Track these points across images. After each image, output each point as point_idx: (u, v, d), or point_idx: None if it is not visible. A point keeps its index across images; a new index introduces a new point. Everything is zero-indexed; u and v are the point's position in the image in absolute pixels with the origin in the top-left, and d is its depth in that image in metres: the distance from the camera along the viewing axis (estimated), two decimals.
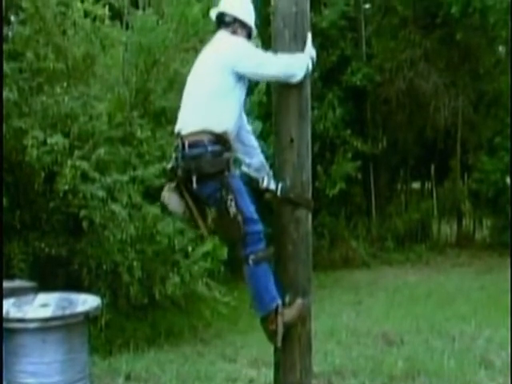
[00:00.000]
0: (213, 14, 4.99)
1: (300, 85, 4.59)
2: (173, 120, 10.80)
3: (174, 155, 4.61)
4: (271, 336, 4.53)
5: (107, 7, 11.79)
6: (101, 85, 10.65)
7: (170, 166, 4.68)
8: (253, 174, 4.89)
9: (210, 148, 4.42)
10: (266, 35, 4.72)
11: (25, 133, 8.65)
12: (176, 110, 4.56)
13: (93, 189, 8.54)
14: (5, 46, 9.33)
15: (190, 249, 9.71)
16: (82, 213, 8.58)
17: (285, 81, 4.61)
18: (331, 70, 17.66)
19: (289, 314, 4.54)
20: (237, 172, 4.66)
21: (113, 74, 11.09)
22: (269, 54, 4.62)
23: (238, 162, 4.85)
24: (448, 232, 20.17)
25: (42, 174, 8.75)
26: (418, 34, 18.18)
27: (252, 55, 4.60)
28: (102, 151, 8.76)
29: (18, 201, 8.94)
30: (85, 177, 8.64)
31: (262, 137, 12.20)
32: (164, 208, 8.41)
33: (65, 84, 9.76)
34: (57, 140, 8.33)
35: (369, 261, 17.06)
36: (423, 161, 21.36)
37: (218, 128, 4.46)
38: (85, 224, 8.65)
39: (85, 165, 8.49)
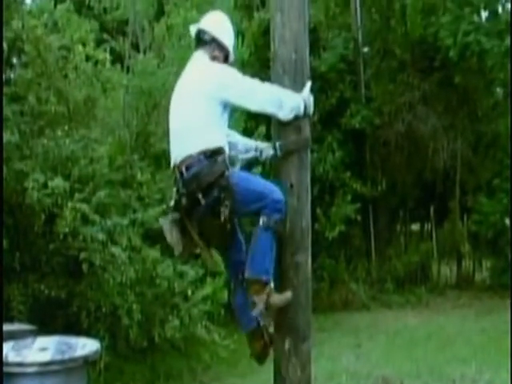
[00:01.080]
0: (193, 30, 4.96)
1: (299, 129, 4.62)
2: None
3: (174, 189, 4.65)
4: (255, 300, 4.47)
5: (108, 51, 11.94)
6: (101, 128, 10.72)
7: (172, 203, 4.72)
8: (246, 156, 4.89)
9: (205, 162, 4.45)
10: (266, 79, 4.73)
11: (25, 175, 8.66)
12: None
13: (93, 231, 8.54)
14: (7, 89, 9.41)
15: (189, 292, 9.69)
16: (82, 255, 8.57)
17: (272, 114, 4.61)
18: (330, 112, 17.75)
19: (275, 297, 4.50)
20: (237, 167, 4.71)
21: (113, 117, 11.18)
22: (258, 83, 4.60)
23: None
24: (448, 273, 20.11)
25: (43, 216, 8.74)
26: (417, 78, 18.30)
27: (239, 84, 4.59)
28: (102, 194, 8.78)
29: (17, 243, 8.93)
30: (85, 219, 8.65)
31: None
32: (164, 250, 8.42)
33: (66, 127, 9.83)
34: (57, 183, 8.34)
35: (368, 303, 16.98)
36: (422, 202, 21.38)
37: (213, 146, 4.50)
38: (85, 266, 8.63)
39: (85, 207, 8.50)
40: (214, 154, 4.47)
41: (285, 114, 4.58)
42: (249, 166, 5.09)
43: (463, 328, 13.69)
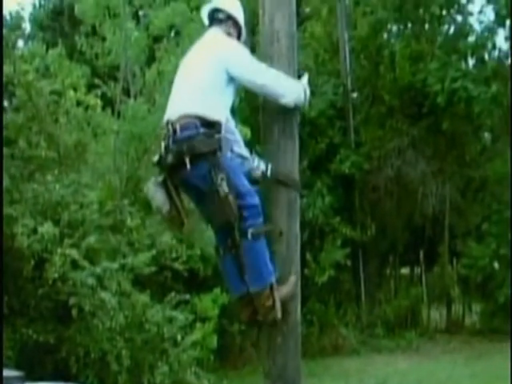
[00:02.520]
0: (205, 10, 4.98)
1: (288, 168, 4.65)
2: None
3: (162, 144, 4.53)
4: (265, 312, 4.45)
5: (99, 96, 12.01)
6: (92, 172, 10.77)
7: (156, 158, 4.61)
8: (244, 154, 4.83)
9: (201, 130, 4.39)
10: (256, 126, 4.77)
11: (15, 220, 8.66)
12: None
13: (82, 277, 8.52)
14: None
15: (179, 337, 9.65)
16: (72, 300, 8.54)
17: (273, 98, 4.62)
18: (320, 158, 17.85)
19: (283, 290, 4.50)
20: (229, 154, 4.62)
21: (104, 162, 11.22)
22: (264, 66, 4.63)
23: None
24: (438, 318, 20.06)
25: (32, 261, 8.73)
26: (406, 123, 18.45)
27: (248, 62, 4.61)
28: (92, 239, 8.78)
29: (6, 287, 8.90)
30: (74, 265, 8.64)
31: None
32: (153, 296, 8.40)
33: (56, 171, 9.86)
34: (47, 229, 8.34)
35: (359, 348, 16.90)
36: (412, 247, 21.38)
37: (211, 117, 4.45)
38: (74, 312, 8.60)
39: (74, 253, 8.50)
40: (210, 125, 4.44)
41: (287, 101, 4.60)
42: None
43: (453, 373, 13.63)
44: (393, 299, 19.14)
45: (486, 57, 18.57)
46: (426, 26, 19.06)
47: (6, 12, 13.13)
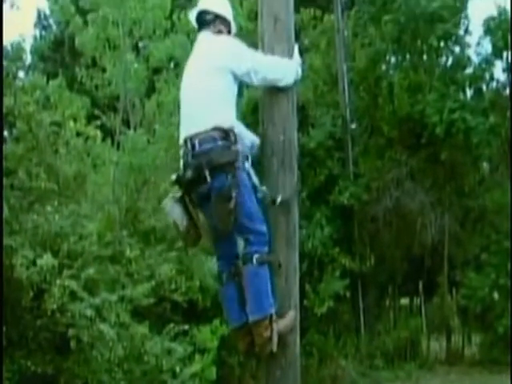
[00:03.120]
0: (192, 14, 5.02)
1: (287, 209, 4.66)
2: (162, 239, 10.96)
3: (181, 162, 4.62)
4: (262, 342, 4.44)
5: (99, 127, 12.06)
6: (91, 203, 10.77)
7: (174, 176, 4.67)
8: (252, 152, 4.84)
9: (220, 142, 4.46)
10: (255, 158, 4.78)
11: (14, 251, 8.64)
12: (165, 229, 4.63)
13: (81, 308, 8.49)
14: None
15: (178, 369, 9.61)
16: (70, 332, 8.50)
17: (274, 84, 4.70)
18: (319, 189, 17.88)
19: (282, 323, 4.49)
20: (246, 165, 4.64)
21: (103, 193, 11.25)
22: (260, 54, 4.72)
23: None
24: (437, 349, 19.94)
25: (31, 292, 8.70)
26: (404, 154, 18.47)
27: (245, 55, 4.68)
28: (91, 271, 8.77)
29: (4, 317, 8.86)
30: (73, 296, 8.62)
31: None
32: (152, 327, 8.38)
33: (55, 202, 9.84)
34: (46, 260, 8.33)
35: (358, 380, 16.79)
36: (411, 277, 21.33)
37: (226, 124, 4.51)
38: (73, 343, 8.56)
39: (73, 284, 8.48)
40: (227, 135, 4.50)
41: (286, 82, 4.72)
42: None
43: None
44: (392, 330, 19.05)
45: (484, 88, 18.64)
46: (424, 57, 19.14)
47: (7, 43, 13.15)
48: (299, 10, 18.72)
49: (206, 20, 4.92)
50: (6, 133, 11.42)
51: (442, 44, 18.56)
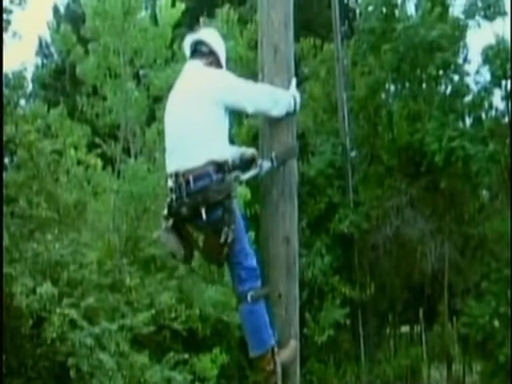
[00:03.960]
0: (188, 40, 4.96)
1: (287, 239, 4.67)
2: (162, 267, 10.97)
3: (171, 197, 4.53)
4: (266, 376, 4.42)
5: (100, 156, 12.11)
6: (91, 232, 10.79)
7: (165, 212, 4.63)
8: (248, 176, 4.79)
9: (214, 177, 4.41)
10: (255, 187, 4.81)
11: (14, 279, 8.65)
12: (165, 257, 4.63)
13: (81, 337, 8.48)
14: None
15: None
16: (70, 361, 8.49)
17: (266, 113, 4.71)
18: (319, 217, 17.90)
19: (284, 354, 4.49)
20: (235, 201, 4.60)
21: (103, 221, 11.27)
22: (253, 84, 4.70)
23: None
24: (438, 377, 19.88)
25: (30, 321, 8.70)
26: (404, 182, 18.50)
27: (237, 87, 4.64)
28: (91, 300, 8.77)
29: (4, 346, 8.85)
30: (73, 324, 8.61)
31: None
32: (151, 356, 8.35)
33: (56, 230, 9.87)
34: (46, 289, 8.34)
35: None
36: (411, 305, 21.29)
37: (220, 157, 4.47)
38: (72, 372, 8.54)
39: (73, 313, 8.48)
40: (221, 167, 4.46)
41: (279, 112, 4.69)
42: None
43: None
44: (392, 358, 18.99)
45: (483, 116, 18.71)
46: (424, 85, 19.23)
47: (8, 71, 13.23)
48: (299, 40, 18.85)
49: (200, 51, 4.87)
50: (6, 160, 11.46)
51: (441, 72, 18.64)
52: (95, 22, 12.77)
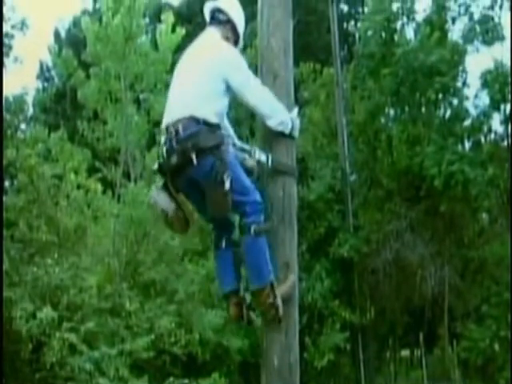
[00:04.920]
0: (207, 7, 4.98)
1: (286, 266, 4.67)
2: (162, 292, 10.96)
3: (163, 149, 4.54)
4: (267, 309, 4.48)
5: (100, 180, 12.14)
6: (91, 256, 10.81)
7: (156, 165, 4.65)
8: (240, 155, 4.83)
9: (203, 127, 4.43)
10: None
11: (14, 303, 8.65)
12: (165, 281, 4.64)
13: (80, 362, 8.47)
14: None
15: None
16: None
17: (262, 117, 4.72)
18: (319, 241, 17.91)
19: (283, 288, 4.53)
20: (231, 148, 4.64)
21: (103, 245, 11.28)
22: (259, 84, 4.71)
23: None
24: None
25: (30, 345, 8.69)
26: (404, 206, 18.50)
27: (246, 73, 4.67)
28: (90, 324, 8.77)
29: (3, 370, 8.82)
30: (73, 349, 8.60)
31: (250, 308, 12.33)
32: (151, 380, 8.32)
33: (56, 255, 9.89)
34: (46, 313, 8.34)
35: None
36: (412, 329, 21.23)
37: (212, 119, 4.49)
38: None
39: (73, 337, 8.48)
40: (211, 124, 4.48)
41: (273, 123, 4.69)
42: None
43: None
44: (393, 382, 18.93)
45: (482, 140, 18.77)
46: (423, 109, 19.31)
47: (9, 94, 13.32)
48: (299, 64, 18.94)
49: (218, 19, 4.90)
50: (6, 184, 11.48)
51: (440, 97, 18.73)
52: (96, 47, 12.86)
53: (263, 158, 4.74)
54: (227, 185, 4.35)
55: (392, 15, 18.88)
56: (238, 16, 4.94)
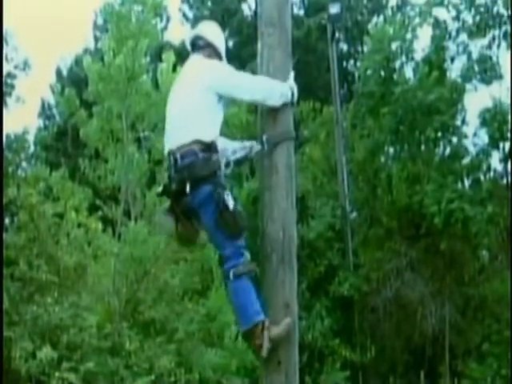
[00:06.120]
0: (188, 39, 5.21)
1: (287, 306, 4.68)
2: (162, 331, 10.94)
3: (166, 175, 4.78)
4: (257, 349, 4.49)
5: (100, 218, 12.17)
6: (91, 295, 10.80)
7: (160, 188, 4.82)
8: (235, 157, 4.90)
9: (200, 155, 4.55)
10: (255, 250, 4.85)
11: (13, 342, 8.63)
12: (165, 320, 4.65)
13: None
14: None
15: None
16: None
17: (262, 103, 4.83)
18: (319, 280, 17.88)
19: (275, 330, 4.49)
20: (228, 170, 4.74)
21: (103, 284, 11.28)
22: (247, 77, 4.86)
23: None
24: None
25: None
26: (404, 244, 18.50)
27: (233, 75, 4.82)
28: (90, 364, 8.74)
29: None
30: None
31: (251, 347, 12.27)
32: None
33: (56, 293, 9.88)
34: (46, 353, 8.32)
35: None
36: (412, 367, 21.06)
37: (207, 138, 4.62)
38: None
39: (72, 377, 8.45)
40: (208, 148, 4.60)
41: (274, 101, 4.78)
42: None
43: None
44: None
45: (482, 178, 18.82)
46: (422, 148, 19.36)
47: (10, 132, 13.44)
48: (298, 103, 18.99)
49: (198, 45, 5.10)
50: (7, 221, 11.52)
51: (439, 135, 18.81)
52: (98, 86, 12.96)
53: (259, 147, 4.87)
54: (231, 205, 4.48)
55: (391, 54, 19.04)
56: (216, 37, 5.16)
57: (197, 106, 4.72)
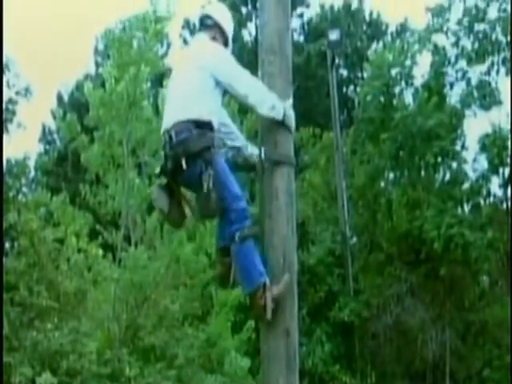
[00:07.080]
0: (197, 15, 5.22)
1: (287, 333, 4.68)
2: (162, 357, 10.92)
3: (162, 153, 4.80)
4: (259, 312, 4.54)
5: (101, 244, 12.17)
6: (91, 320, 10.78)
7: (158, 169, 4.84)
8: (233, 144, 5.02)
9: (195, 131, 4.59)
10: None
11: (13, 368, 8.62)
12: (165, 346, 4.65)
13: None
14: None
15: None
16: None
17: (253, 106, 4.80)
18: (319, 305, 17.88)
19: (277, 289, 4.55)
20: (222, 152, 4.80)
21: (103, 310, 11.26)
22: (248, 74, 4.83)
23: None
24: None
25: None
26: (404, 270, 18.51)
27: (232, 65, 4.83)
28: None
29: None
30: None
31: (251, 373, 12.26)
32: None
33: (55, 319, 9.87)
34: (45, 379, 8.30)
35: None
36: None
37: (203, 118, 4.66)
38: None
39: None
40: (203, 125, 4.64)
41: (264, 110, 4.75)
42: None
43: None
44: None
45: (482, 203, 18.86)
46: (422, 173, 19.43)
47: (11, 157, 13.49)
48: (298, 129, 19.10)
49: (205, 24, 5.13)
50: (7, 246, 11.52)
51: (439, 160, 18.89)
52: (99, 112, 12.99)
53: (256, 152, 4.92)
54: (210, 184, 4.51)
55: (391, 80, 19.16)
56: (224, 18, 5.18)
57: (195, 85, 4.77)
